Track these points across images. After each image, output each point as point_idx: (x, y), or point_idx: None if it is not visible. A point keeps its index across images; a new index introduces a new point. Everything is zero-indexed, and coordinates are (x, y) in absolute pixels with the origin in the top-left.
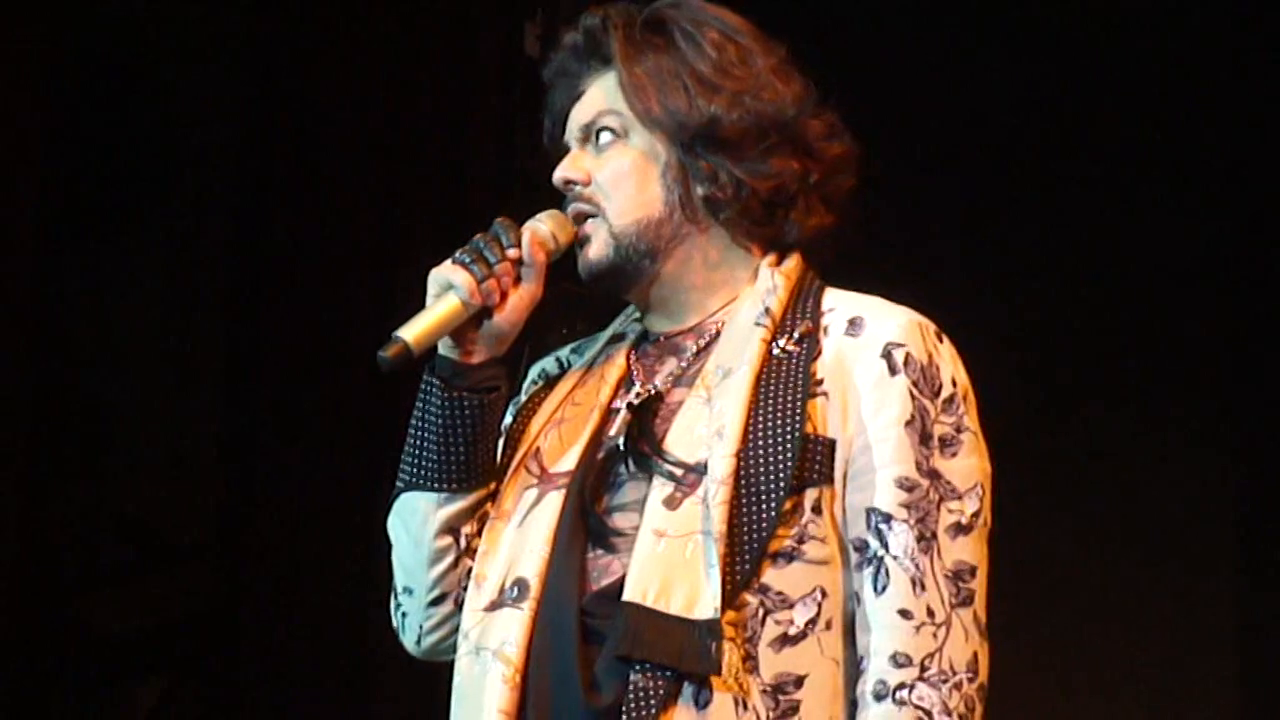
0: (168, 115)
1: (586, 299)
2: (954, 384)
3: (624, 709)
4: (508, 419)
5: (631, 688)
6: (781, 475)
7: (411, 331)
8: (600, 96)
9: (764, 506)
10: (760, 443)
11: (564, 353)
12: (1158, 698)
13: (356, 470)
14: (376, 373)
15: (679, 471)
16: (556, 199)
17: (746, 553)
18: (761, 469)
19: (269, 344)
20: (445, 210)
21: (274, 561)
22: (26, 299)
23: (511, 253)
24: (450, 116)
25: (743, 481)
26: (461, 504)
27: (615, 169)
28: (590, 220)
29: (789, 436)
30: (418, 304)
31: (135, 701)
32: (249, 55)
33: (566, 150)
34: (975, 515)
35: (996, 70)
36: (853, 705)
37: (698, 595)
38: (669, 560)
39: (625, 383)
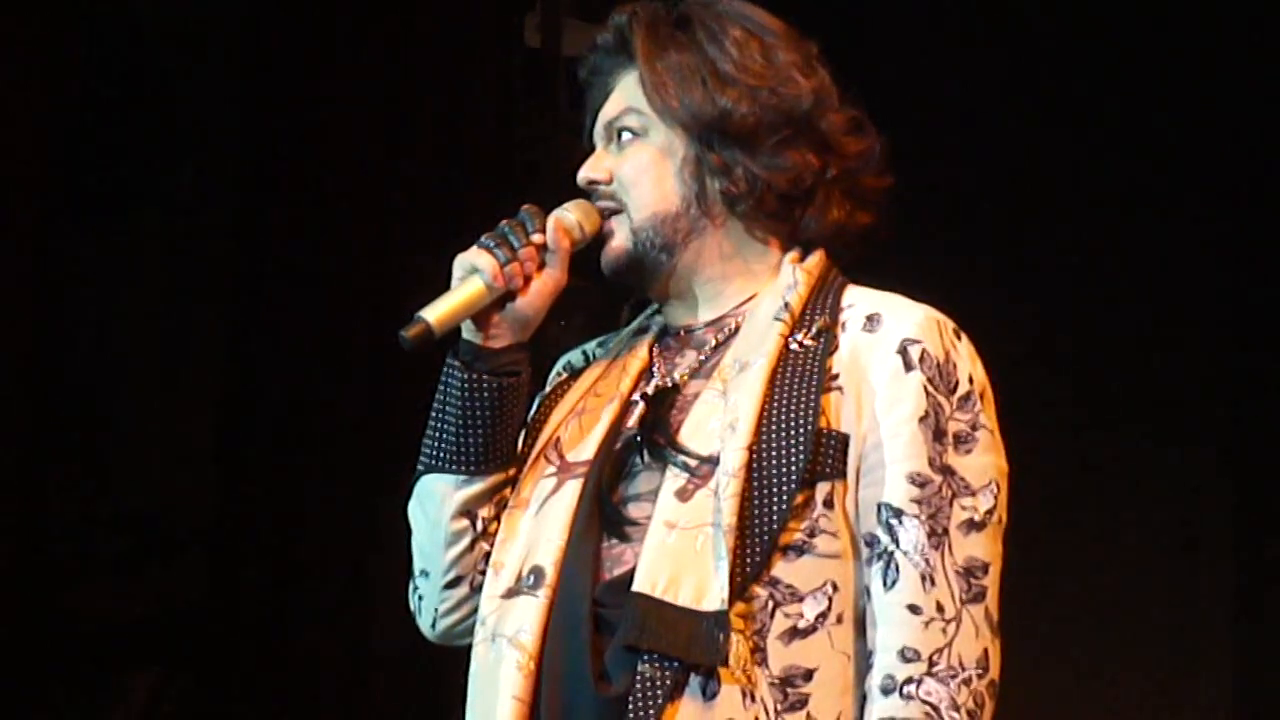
0: (167, 110)
1: (585, 292)
2: (971, 381)
3: (631, 698)
4: (531, 410)
5: (639, 678)
6: (793, 469)
7: (434, 312)
8: (624, 94)
9: (775, 500)
10: (773, 436)
11: (590, 346)
12: (1156, 697)
13: (353, 462)
14: (375, 366)
15: (692, 463)
16: (556, 190)
17: (757, 545)
18: (773, 462)
19: (266, 337)
20: (444, 203)
21: (270, 553)
22: (24, 290)
23: (536, 238)
24: (449, 108)
25: (754, 474)
26: (478, 487)
27: (634, 165)
28: (614, 217)
29: (802, 431)
30: (417, 297)
31: (130, 692)
32: (248, 48)
33: (594, 149)
34: (989, 512)
35: (1003, 72)
36: (864, 699)
37: (706, 587)
38: (679, 552)
39: (646, 375)
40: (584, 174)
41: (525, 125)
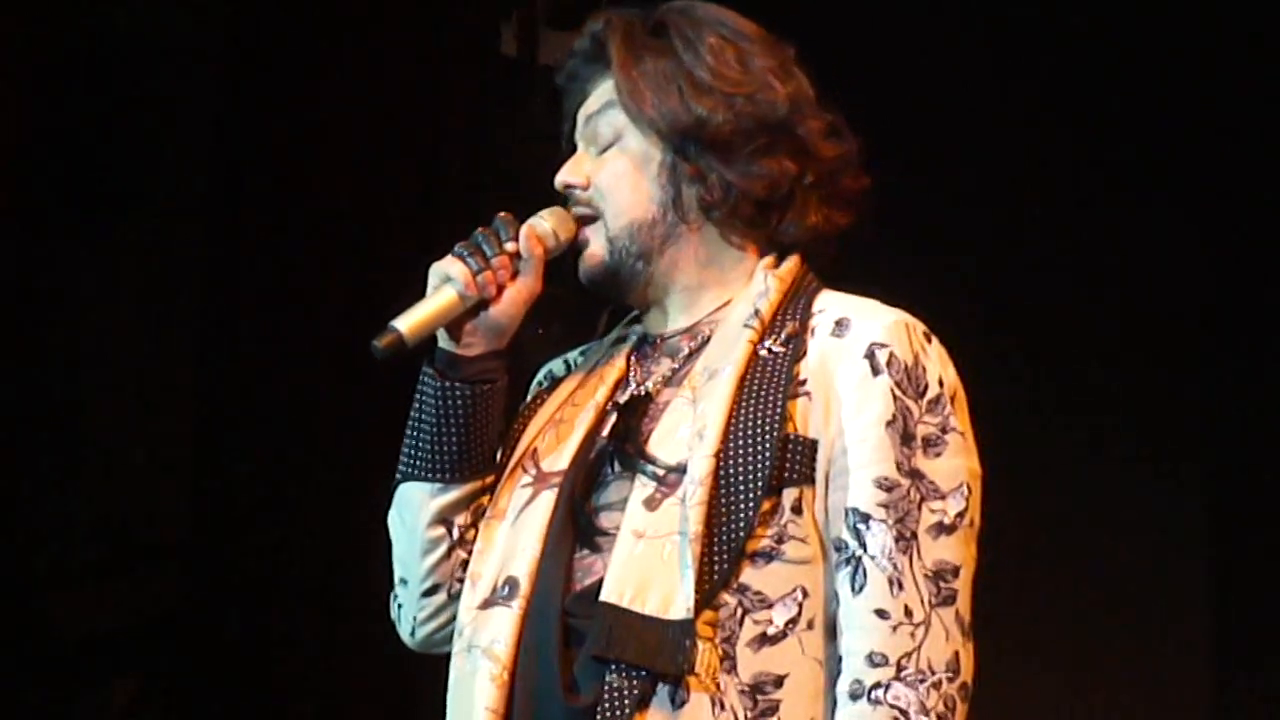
0: (143, 116)
1: (562, 299)
2: (941, 384)
3: (599, 709)
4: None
5: (606, 688)
6: (759, 476)
7: (406, 322)
8: (601, 100)
9: (741, 507)
10: (739, 443)
11: (572, 355)
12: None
13: (336, 468)
14: (357, 371)
15: (661, 472)
16: (533, 198)
17: (724, 553)
18: (739, 469)
19: (243, 343)
20: (421, 211)
21: (248, 561)
22: (3, 295)
23: (509, 246)
24: (426, 116)
25: (721, 482)
26: (455, 495)
27: (611, 172)
28: (589, 226)
29: (767, 437)
30: (395, 303)
31: (107, 701)
32: (224, 56)
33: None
34: (960, 515)
35: (1003, 72)
36: (835, 705)
37: (673, 596)
38: (646, 561)
39: (622, 383)
40: (562, 177)
41: (501, 133)
